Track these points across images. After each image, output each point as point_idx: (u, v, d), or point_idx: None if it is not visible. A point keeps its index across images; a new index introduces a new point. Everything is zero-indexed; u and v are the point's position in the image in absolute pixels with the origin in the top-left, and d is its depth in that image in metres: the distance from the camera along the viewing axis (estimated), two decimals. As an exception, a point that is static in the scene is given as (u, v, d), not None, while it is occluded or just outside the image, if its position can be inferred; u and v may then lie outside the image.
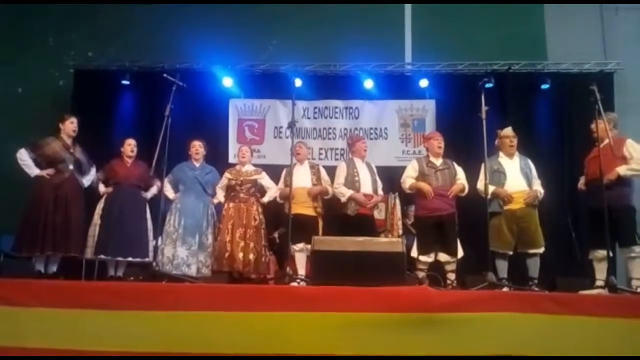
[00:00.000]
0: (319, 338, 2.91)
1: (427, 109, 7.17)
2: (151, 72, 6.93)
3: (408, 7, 7.52)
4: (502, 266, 4.86)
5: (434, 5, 7.34)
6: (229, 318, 2.98)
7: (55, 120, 5.29)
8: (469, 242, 5.18)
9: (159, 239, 5.18)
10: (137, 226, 5.41)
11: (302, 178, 5.38)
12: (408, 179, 5.16)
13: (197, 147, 5.66)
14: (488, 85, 4.60)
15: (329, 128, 7.28)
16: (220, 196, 5.61)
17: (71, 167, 5.16)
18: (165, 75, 4.64)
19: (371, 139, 6.97)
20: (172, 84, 4.52)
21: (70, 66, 7.17)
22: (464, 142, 6.13)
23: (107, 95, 7.16)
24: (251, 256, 5.29)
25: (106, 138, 6.69)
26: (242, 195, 5.48)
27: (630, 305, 3.16)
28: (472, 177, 5.13)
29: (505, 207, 4.88)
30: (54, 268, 5.13)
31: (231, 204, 5.46)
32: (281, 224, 5.85)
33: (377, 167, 5.63)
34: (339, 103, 7.30)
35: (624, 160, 4.54)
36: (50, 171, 5.07)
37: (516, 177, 4.98)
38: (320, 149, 7.20)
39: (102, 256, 5.29)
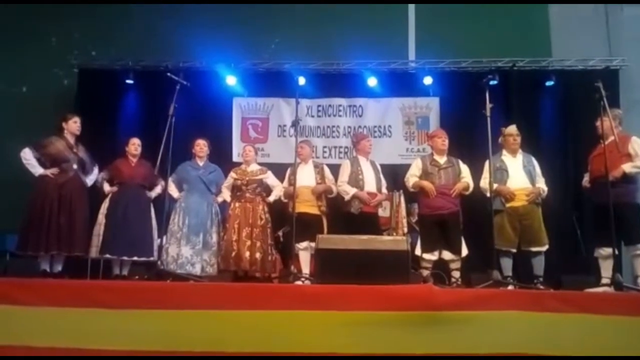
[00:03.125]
0: (324, 337, 2.90)
1: (431, 106, 7.15)
2: (155, 71, 6.94)
3: (412, 5, 7.49)
4: (507, 264, 4.84)
5: (437, 3, 7.32)
6: (234, 317, 2.98)
7: (59, 120, 5.30)
8: (474, 240, 5.17)
9: (164, 238, 5.18)
10: (142, 225, 5.41)
11: (306, 177, 5.38)
12: (411, 178, 5.15)
13: (201, 146, 5.67)
14: (492, 82, 4.60)
15: (333, 126, 7.27)
16: (226, 196, 5.62)
17: (75, 166, 5.17)
18: (168, 74, 4.64)
19: (375, 137, 6.94)
20: (176, 83, 4.52)
21: (74, 65, 7.18)
22: (468, 139, 6.12)
23: (111, 95, 7.17)
24: (258, 255, 5.31)
25: (110, 137, 6.70)
26: (248, 194, 5.49)
27: (636, 303, 3.16)
28: (475, 175, 5.12)
29: (508, 205, 4.86)
30: (59, 267, 5.14)
31: (237, 204, 5.47)
32: (286, 223, 5.85)
33: (381, 165, 5.62)
34: (342, 101, 7.29)
35: (629, 157, 4.53)
36: (55, 170, 5.08)
37: (519, 175, 4.96)
38: (324, 147, 7.20)
39: (107, 255, 5.29)
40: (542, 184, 5.00)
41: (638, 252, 4.44)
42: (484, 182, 4.86)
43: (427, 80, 7.01)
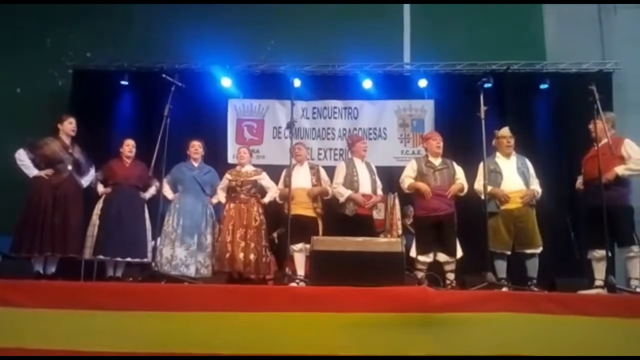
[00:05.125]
0: (318, 338, 2.90)
1: (425, 109, 7.18)
2: (150, 72, 6.94)
3: (407, 7, 7.53)
4: (501, 266, 4.86)
5: (432, 5, 7.35)
6: (228, 318, 2.97)
7: (54, 121, 5.28)
8: (468, 242, 5.18)
9: (158, 239, 5.17)
10: (136, 226, 5.39)
11: (301, 179, 5.38)
12: (407, 179, 5.15)
13: (196, 148, 5.66)
14: (487, 85, 4.59)
15: (328, 128, 7.28)
16: (221, 197, 5.61)
17: (70, 167, 5.15)
18: (164, 75, 4.63)
19: (370, 139, 6.97)
20: (171, 84, 4.51)
21: (69, 67, 7.17)
22: (463, 142, 6.11)
23: (106, 96, 7.16)
24: (252, 256, 5.30)
25: (105, 138, 6.69)
26: (242, 196, 5.48)
27: (629, 305, 3.17)
28: (470, 178, 5.13)
29: (502, 207, 4.88)
30: (52, 269, 5.12)
31: (232, 205, 5.46)
32: (281, 225, 5.84)
33: (376, 167, 5.62)
34: (337, 103, 7.31)
35: (622, 160, 4.55)
36: (49, 172, 5.06)
37: (513, 177, 4.98)
38: (319, 149, 7.21)
39: (101, 257, 5.28)
40: (536, 186, 5.02)
41: (631, 254, 4.46)
42: (479, 185, 4.88)
43: (422, 83, 7.04)
